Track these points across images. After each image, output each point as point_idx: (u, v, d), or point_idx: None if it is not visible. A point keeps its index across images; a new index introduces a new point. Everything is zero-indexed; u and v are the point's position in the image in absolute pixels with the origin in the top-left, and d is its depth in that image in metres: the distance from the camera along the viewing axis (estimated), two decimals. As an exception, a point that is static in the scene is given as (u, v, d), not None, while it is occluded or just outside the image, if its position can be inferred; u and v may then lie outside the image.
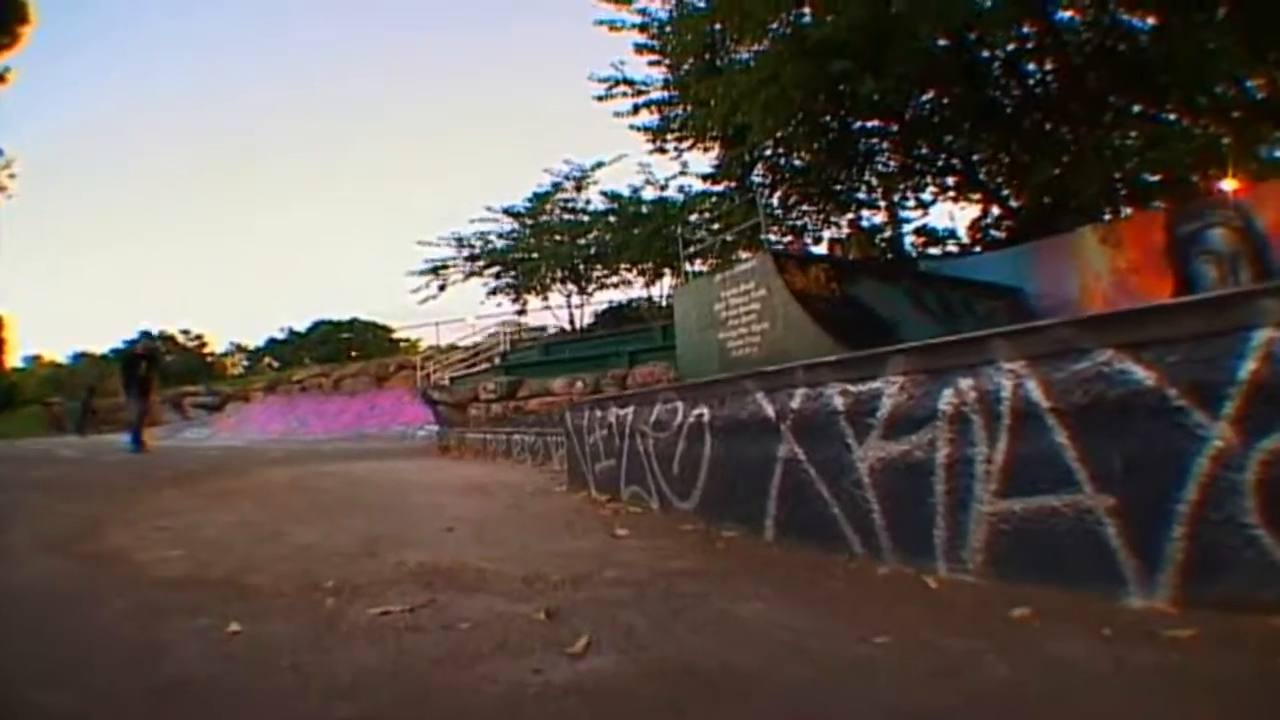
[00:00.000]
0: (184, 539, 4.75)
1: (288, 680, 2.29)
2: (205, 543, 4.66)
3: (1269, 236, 13.13)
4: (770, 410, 4.33)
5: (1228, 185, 16.10)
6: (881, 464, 3.55)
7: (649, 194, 29.12)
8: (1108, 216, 17.75)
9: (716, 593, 3.24)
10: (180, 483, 7.76)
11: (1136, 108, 18.47)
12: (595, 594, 3.25)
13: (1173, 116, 18.23)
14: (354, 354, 50.43)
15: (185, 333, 61.05)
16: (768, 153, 20.52)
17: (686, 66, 20.49)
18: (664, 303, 29.07)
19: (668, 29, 20.24)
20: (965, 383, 3.20)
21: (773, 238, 20.13)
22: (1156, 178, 18.28)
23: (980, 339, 3.23)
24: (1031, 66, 19.21)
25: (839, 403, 3.82)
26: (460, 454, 14.09)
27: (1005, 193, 21.21)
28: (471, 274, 32.78)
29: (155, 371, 15.36)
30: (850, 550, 3.68)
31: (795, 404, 4.13)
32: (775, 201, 21.91)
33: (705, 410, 5.02)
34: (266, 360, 59.72)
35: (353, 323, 58.71)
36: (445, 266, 32.60)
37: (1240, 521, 2.43)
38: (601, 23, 20.42)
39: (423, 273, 32.59)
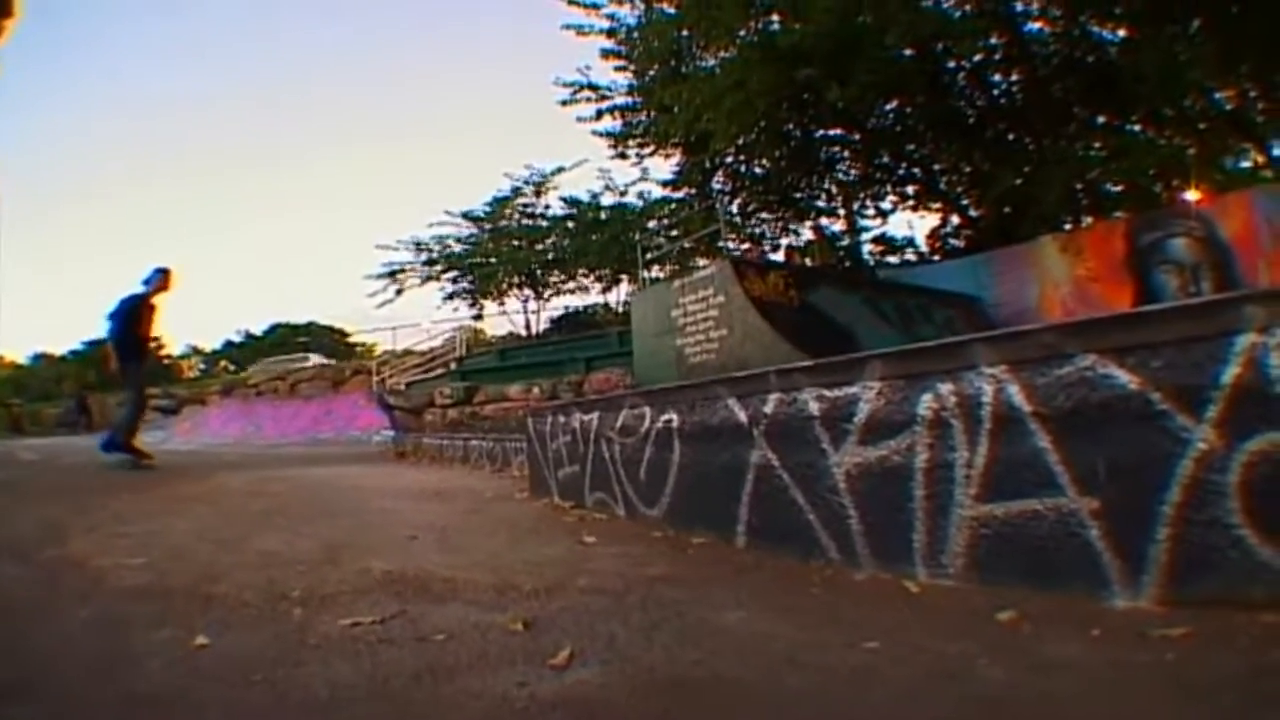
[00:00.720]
0: (145, 546, 4.58)
1: (261, 695, 2.19)
2: (166, 550, 4.50)
3: (1232, 247, 13.37)
4: (743, 416, 4.27)
5: (1191, 196, 16.36)
6: (858, 469, 3.51)
7: (608, 200, 29.20)
8: (1068, 226, 17.96)
9: (695, 600, 3.18)
10: (137, 487, 7.51)
11: (1101, 119, 18.69)
12: (571, 603, 3.17)
13: (1138, 128, 18.47)
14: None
15: (142, 334, 59.96)
16: (729, 160, 20.55)
17: (652, 72, 20.41)
18: (620, 309, 28.96)
19: (635, 34, 20.19)
20: (945, 387, 3.17)
21: (731, 245, 20.11)
22: (1119, 188, 18.51)
23: (961, 344, 3.21)
24: (997, 77, 19.38)
25: (815, 408, 3.77)
26: (417, 459, 13.89)
27: (965, 202, 21.39)
28: (429, 278, 32.51)
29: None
30: (826, 556, 3.63)
31: (769, 409, 4.08)
32: (734, 209, 21.95)
33: (674, 416, 4.95)
34: (223, 363, 58.90)
35: (309, 326, 58.05)
36: (403, 270, 32.27)
37: (1225, 522, 2.44)
38: (569, 27, 20.19)
39: (380, 276, 32.25)
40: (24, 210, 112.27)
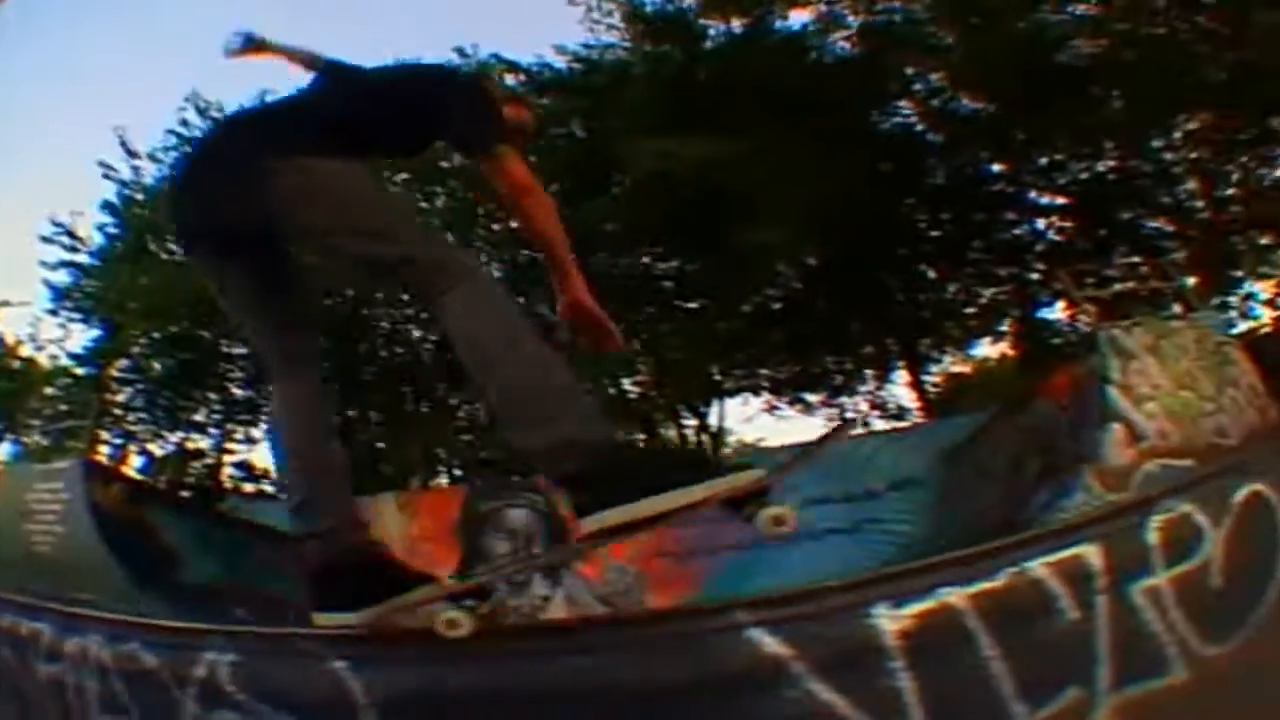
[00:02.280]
0: None
1: None
2: None
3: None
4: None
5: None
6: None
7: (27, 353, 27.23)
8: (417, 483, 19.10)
9: None
10: None
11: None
12: None
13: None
14: None
15: None
16: (136, 349, 20.18)
17: (120, 244, 20.20)
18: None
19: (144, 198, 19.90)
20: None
21: (106, 435, 19.76)
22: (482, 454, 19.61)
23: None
24: (418, 333, 20.24)
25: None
26: None
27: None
28: None
29: None
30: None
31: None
32: (122, 399, 21.25)
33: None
34: None
35: None
36: None
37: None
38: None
39: None
40: None
